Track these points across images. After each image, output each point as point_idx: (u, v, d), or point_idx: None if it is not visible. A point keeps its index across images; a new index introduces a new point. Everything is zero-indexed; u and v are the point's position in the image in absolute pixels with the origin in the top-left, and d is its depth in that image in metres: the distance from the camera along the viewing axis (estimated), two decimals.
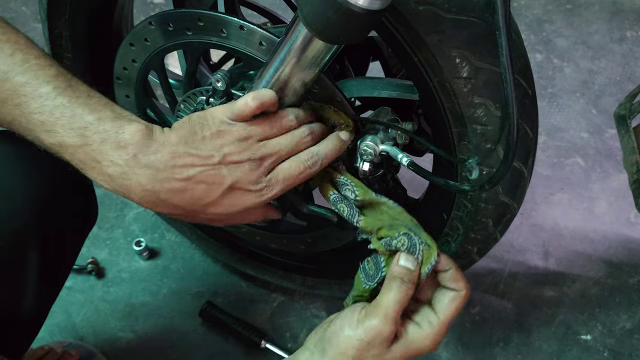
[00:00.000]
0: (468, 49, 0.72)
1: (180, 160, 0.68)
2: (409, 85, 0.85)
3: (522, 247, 1.39)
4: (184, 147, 0.69)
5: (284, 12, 1.13)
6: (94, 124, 0.67)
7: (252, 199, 0.72)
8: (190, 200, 0.70)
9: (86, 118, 0.67)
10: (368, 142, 0.79)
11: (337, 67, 0.96)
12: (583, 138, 1.57)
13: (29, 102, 0.67)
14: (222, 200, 0.71)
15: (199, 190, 0.70)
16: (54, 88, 0.67)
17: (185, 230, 1.26)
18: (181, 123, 0.71)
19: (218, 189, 0.70)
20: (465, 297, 0.71)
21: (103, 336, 1.24)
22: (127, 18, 1.04)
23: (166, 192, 0.69)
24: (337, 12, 0.61)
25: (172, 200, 0.70)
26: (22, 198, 0.74)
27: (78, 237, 0.88)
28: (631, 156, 0.97)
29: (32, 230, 0.76)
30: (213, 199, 0.71)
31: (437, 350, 1.25)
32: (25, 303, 0.79)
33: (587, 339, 1.28)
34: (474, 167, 0.77)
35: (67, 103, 0.67)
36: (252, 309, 1.30)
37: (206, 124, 0.70)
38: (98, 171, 0.68)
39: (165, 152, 0.68)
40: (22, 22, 1.74)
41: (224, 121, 0.71)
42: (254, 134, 0.71)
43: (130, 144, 0.67)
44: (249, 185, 0.71)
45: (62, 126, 0.67)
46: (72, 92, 0.68)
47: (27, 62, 0.68)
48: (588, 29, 1.80)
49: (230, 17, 0.79)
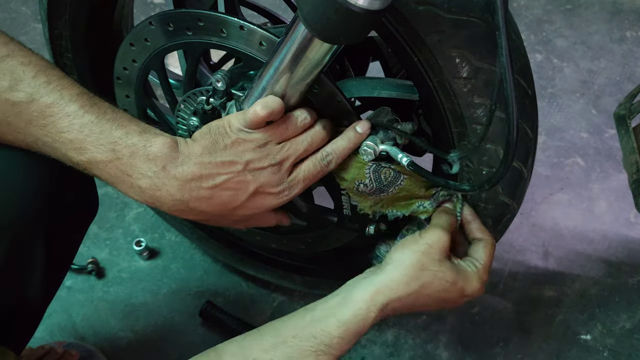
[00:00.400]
0: (468, 49, 0.72)
1: (206, 170, 0.72)
2: (409, 85, 0.85)
3: (522, 247, 1.39)
4: (209, 157, 0.72)
5: (284, 12, 1.13)
6: (122, 139, 0.70)
7: (275, 200, 0.76)
8: (217, 206, 0.74)
9: (115, 133, 0.70)
10: (368, 142, 0.79)
11: (337, 67, 0.96)
12: (583, 138, 1.57)
13: (57, 122, 0.69)
14: (247, 203, 0.75)
15: (225, 196, 0.74)
16: (80, 106, 0.69)
17: (185, 230, 1.26)
18: (202, 134, 0.74)
19: (244, 194, 0.74)
20: (493, 243, 0.82)
21: (103, 336, 1.25)
22: (127, 18, 1.04)
23: (195, 201, 0.73)
24: (337, 12, 0.61)
25: (201, 208, 0.74)
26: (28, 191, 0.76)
27: (80, 228, 0.90)
28: (631, 156, 0.97)
29: (39, 222, 0.78)
30: (239, 203, 0.75)
31: (437, 350, 1.25)
32: (31, 294, 0.81)
33: (587, 339, 1.28)
34: (455, 161, 0.78)
35: (95, 120, 0.69)
36: (253, 308, 1.30)
37: (226, 133, 0.74)
38: (129, 184, 0.71)
39: (192, 163, 0.72)
40: (22, 22, 1.74)
41: (241, 129, 0.74)
42: (272, 138, 0.74)
43: (158, 157, 0.70)
44: (272, 188, 0.75)
45: (91, 143, 0.69)
46: (98, 109, 0.71)
47: (50, 83, 0.70)
48: (588, 29, 1.80)
49: (230, 17, 0.79)
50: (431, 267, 0.75)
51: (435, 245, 0.76)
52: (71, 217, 0.85)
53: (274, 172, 0.74)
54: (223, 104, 0.81)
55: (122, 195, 1.42)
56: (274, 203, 0.76)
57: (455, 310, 1.30)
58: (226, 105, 0.81)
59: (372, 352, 1.25)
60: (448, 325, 1.29)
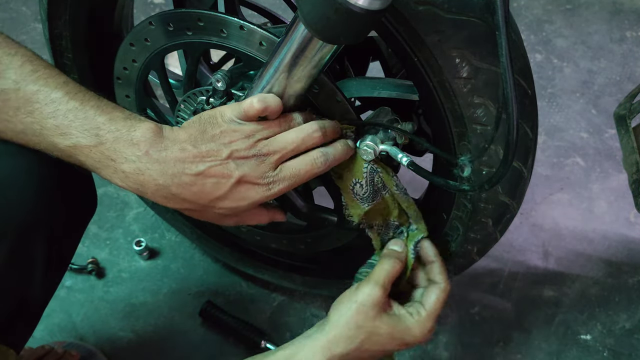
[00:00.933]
0: (468, 49, 0.72)
1: (190, 156, 0.71)
2: (409, 85, 0.85)
3: (522, 247, 1.39)
4: (194, 144, 0.72)
5: (284, 12, 1.13)
6: (106, 124, 0.70)
7: (260, 193, 0.74)
8: (200, 194, 0.73)
9: (98, 119, 0.70)
10: (368, 142, 0.79)
11: (337, 67, 0.96)
12: (583, 138, 1.57)
13: (43, 108, 0.70)
14: (230, 194, 0.74)
15: (208, 184, 0.73)
16: (65, 93, 0.71)
17: (185, 230, 1.26)
18: (191, 122, 0.74)
19: (227, 183, 0.73)
20: (446, 290, 0.82)
21: (103, 336, 1.25)
22: (127, 18, 1.04)
23: (177, 187, 0.72)
24: (337, 12, 0.61)
25: (183, 195, 0.73)
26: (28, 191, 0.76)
27: (79, 227, 0.90)
28: (631, 156, 0.97)
29: (39, 221, 0.78)
30: (222, 192, 0.74)
31: (437, 350, 1.25)
32: (31, 293, 0.81)
33: (587, 339, 1.28)
34: (466, 165, 0.77)
35: (79, 106, 0.70)
36: (252, 308, 1.30)
37: (216, 123, 0.73)
38: (113, 169, 0.71)
39: (176, 149, 0.71)
40: (22, 22, 1.74)
41: (233, 120, 0.73)
42: (262, 133, 0.74)
43: (142, 141, 0.70)
44: (256, 179, 0.74)
45: (76, 128, 0.70)
46: (83, 96, 0.72)
47: (36, 71, 0.71)
48: (588, 29, 1.80)
49: (230, 17, 0.79)
50: (366, 324, 0.77)
51: (368, 303, 0.77)
52: (70, 215, 0.85)
53: (258, 163, 0.73)
54: (223, 104, 0.81)
55: (122, 195, 1.42)
56: (257, 197, 0.74)
57: (455, 310, 1.30)
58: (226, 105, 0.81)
59: None
60: (448, 325, 1.29)
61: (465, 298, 1.32)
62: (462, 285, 1.33)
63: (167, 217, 1.26)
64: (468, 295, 1.33)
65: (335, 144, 0.78)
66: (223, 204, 0.75)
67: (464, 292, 1.33)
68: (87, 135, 0.70)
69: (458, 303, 1.32)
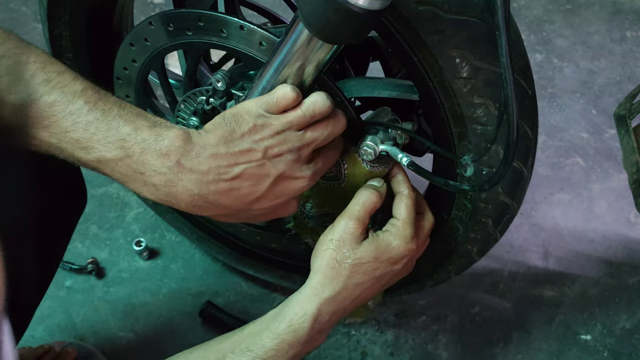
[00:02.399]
0: (468, 49, 0.72)
1: (224, 161, 0.68)
2: (409, 85, 0.85)
3: (522, 247, 1.39)
4: (225, 147, 0.68)
5: (284, 12, 1.13)
6: (131, 135, 0.66)
7: (298, 185, 0.73)
8: (238, 199, 0.71)
9: (122, 130, 0.66)
10: (368, 142, 0.79)
11: (337, 67, 0.96)
12: (583, 138, 1.57)
13: (60, 122, 0.65)
14: (269, 193, 0.72)
15: (246, 187, 0.70)
16: (85, 103, 0.65)
17: (185, 230, 1.26)
18: (215, 123, 0.70)
19: (264, 183, 0.71)
20: (411, 196, 0.81)
21: (103, 336, 1.24)
22: (127, 18, 1.04)
23: (214, 194, 0.69)
24: (337, 12, 0.61)
25: (220, 201, 0.70)
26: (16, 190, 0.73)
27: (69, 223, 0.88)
28: (631, 156, 0.97)
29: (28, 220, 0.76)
30: (261, 193, 0.71)
31: (437, 350, 1.25)
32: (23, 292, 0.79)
33: (587, 339, 1.28)
34: (469, 164, 0.77)
35: (100, 117, 0.65)
36: (253, 308, 1.30)
37: (242, 120, 0.70)
38: (142, 182, 0.67)
39: (208, 154, 0.68)
40: (22, 22, 1.74)
41: (260, 114, 0.70)
42: (291, 125, 0.71)
43: (171, 151, 0.66)
44: (293, 174, 0.72)
45: (98, 141, 0.65)
46: (104, 104, 0.66)
47: (50, 81, 0.66)
48: (588, 29, 1.80)
49: (230, 17, 0.79)
50: (346, 259, 0.76)
51: (345, 238, 0.77)
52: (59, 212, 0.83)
53: (294, 158, 0.71)
54: (223, 104, 0.81)
55: (122, 195, 1.42)
56: (298, 188, 0.73)
57: (455, 310, 1.30)
58: (226, 105, 0.81)
59: (372, 352, 1.25)
60: (448, 325, 1.29)
61: (465, 298, 1.32)
62: (462, 285, 1.33)
63: (167, 217, 1.26)
64: (468, 295, 1.33)
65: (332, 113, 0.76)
66: (260, 204, 0.73)
67: (464, 292, 1.33)
68: (112, 148, 0.65)
69: (458, 303, 1.32)
